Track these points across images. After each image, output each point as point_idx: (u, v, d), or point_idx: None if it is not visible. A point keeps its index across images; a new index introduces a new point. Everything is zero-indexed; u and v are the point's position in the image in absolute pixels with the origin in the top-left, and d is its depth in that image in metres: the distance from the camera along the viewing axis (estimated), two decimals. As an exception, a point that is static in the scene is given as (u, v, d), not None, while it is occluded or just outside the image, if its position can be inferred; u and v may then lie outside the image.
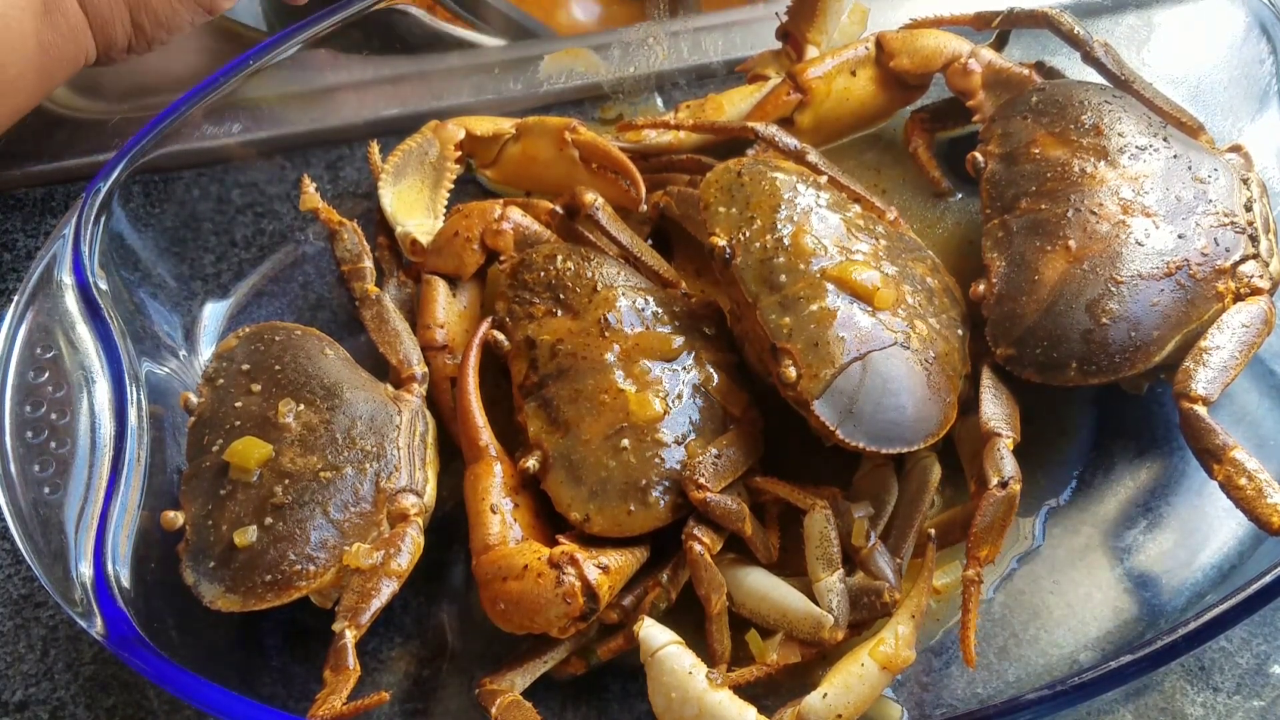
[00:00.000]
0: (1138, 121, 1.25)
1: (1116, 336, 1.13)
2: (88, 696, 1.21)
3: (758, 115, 1.42)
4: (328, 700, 1.01)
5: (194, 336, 1.39)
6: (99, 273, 1.26)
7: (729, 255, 1.19)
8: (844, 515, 1.10)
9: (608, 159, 1.39)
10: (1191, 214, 1.17)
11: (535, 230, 1.33)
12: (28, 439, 1.18)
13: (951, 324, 1.20)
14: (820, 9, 1.46)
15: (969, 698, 1.12)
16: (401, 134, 1.43)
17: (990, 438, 1.11)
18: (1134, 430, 1.26)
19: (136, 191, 1.40)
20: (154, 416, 1.22)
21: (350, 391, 1.19)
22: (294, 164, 1.54)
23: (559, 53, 1.62)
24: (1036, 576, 1.19)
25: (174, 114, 1.36)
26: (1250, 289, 1.15)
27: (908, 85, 1.45)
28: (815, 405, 1.11)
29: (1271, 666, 1.15)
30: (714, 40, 1.62)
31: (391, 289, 1.35)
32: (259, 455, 1.14)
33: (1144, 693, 1.14)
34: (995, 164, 1.28)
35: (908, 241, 1.27)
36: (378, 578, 1.09)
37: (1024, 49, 1.44)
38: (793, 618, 1.08)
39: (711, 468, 1.11)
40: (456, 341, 1.29)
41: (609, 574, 1.08)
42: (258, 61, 1.41)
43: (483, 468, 1.15)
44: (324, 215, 1.35)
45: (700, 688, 1.02)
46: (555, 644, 1.12)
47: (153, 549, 1.15)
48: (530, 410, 1.19)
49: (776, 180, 1.23)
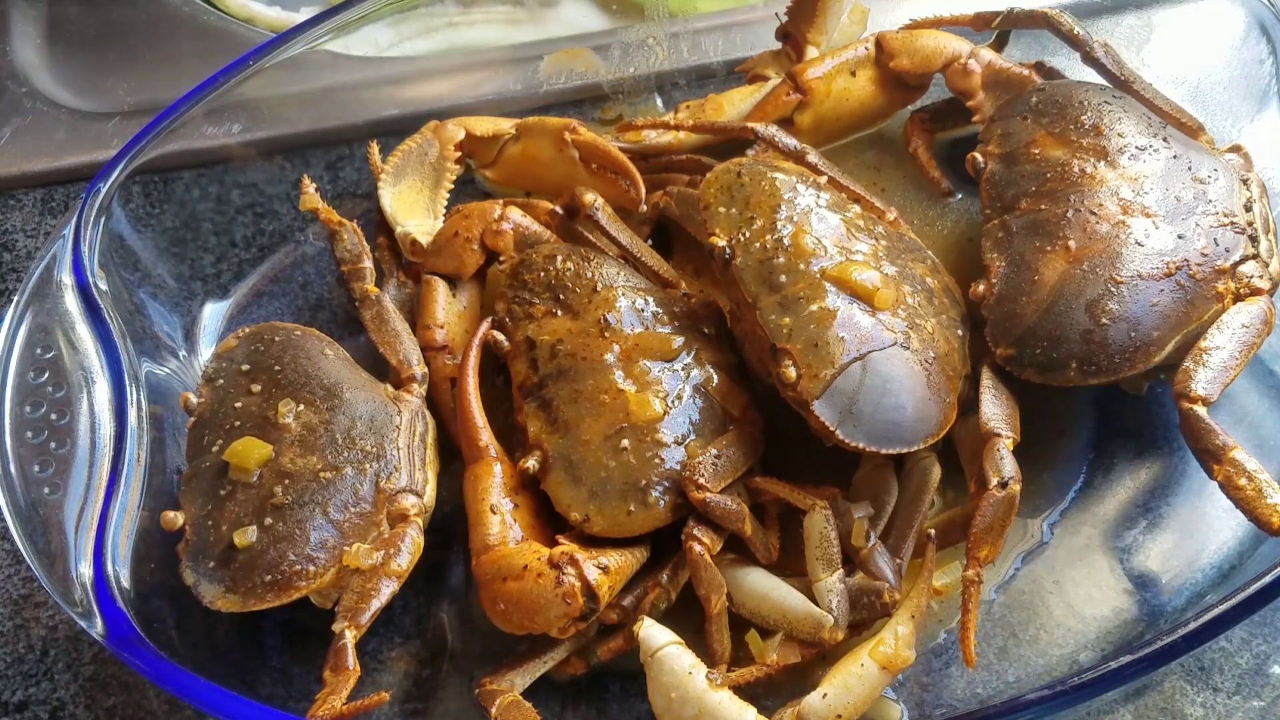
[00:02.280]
0: (1138, 122, 1.25)
1: (1116, 337, 1.13)
2: (88, 696, 1.21)
3: (758, 115, 1.42)
4: (328, 700, 1.02)
5: (194, 336, 1.39)
6: (99, 273, 1.26)
7: (729, 255, 1.19)
8: (844, 515, 1.10)
9: (608, 159, 1.39)
10: (1191, 214, 1.17)
11: (535, 230, 1.32)
12: (28, 439, 1.17)
13: (951, 324, 1.20)
14: (820, 9, 1.46)
15: (969, 698, 1.12)
16: (401, 134, 1.43)
17: (990, 438, 1.11)
18: (1134, 430, 1.26)
19: (136, 191, 1.40)
20: (154, 416, 1.22)
21: (350, 392, 1.19)
22: (294, 164, 1.54)
23: (559, 53, 1.62)
24: (1036, 576, 1.19)
25: (174, 114, 1.36)
26: (1250, 289, 1.15)
27: (908, 85, 1.45)
28: (815, 405, 1.11)
29: (1271, 666, 1.15)
30: (714, 40, 1.62)
31: (391, 289, 1.35)
32: (259, 455, 1.13)
33: (1144, 693, 1.14)
34: (995, 164, 1.28)
35: (908, 242, 1.27)
36: (378, 578, 1.09)
37: (1024, 49, 1.44)
38: (793, 618, 1.08)
39: (711, 468, 1.11)
40: (456, 342, 1.29)
41: (609, 574, 1.08)
42: (258, 61, 1.41)
43: (483, 468, 1.15)
44: (324, 215, 1.35)
45: (700, 688, 1.02)
46: (555, 644, 1.12)
47: (153, 549, 1.15)
48: (530, 410, 1.19)
49: (776, 180, 1.23)
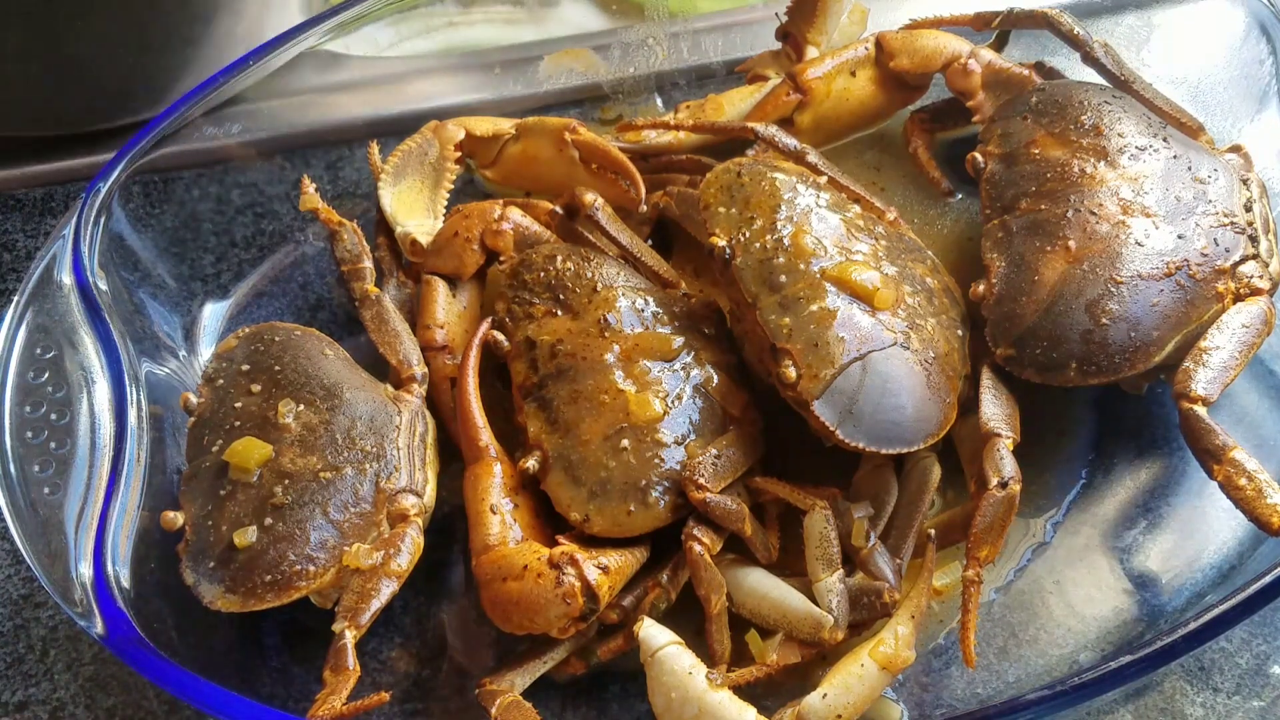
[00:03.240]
0: (1137, 122, 1.25)
1: (1116, 337, 1.13)
2: (87, 696, 1.21)
3: (758, 115, 1.42)
4: (328, 700, 1.02)
5: (194, 336, 1.39)
6: (99, 273, 1.26)
7: (729, 255, 1.19)
8: (844, 515, 1.10)
9: (607, 159, 1.39)
10: (1191, 214, 1.17)
11: (535, 230, 1.32)
12: (28, 439, 1.18)
13: (951, 324, 1.20)
14: (820, 9, 1.46)
15: (969, 698, 1.12)
16: (401, 134, 1.43)
17: (990, 438, 1.11)
18: (1134, 430, 1.26)
19: (136, 192, 1.39)
20: (154, 416, 1.22)
21: (350, 392, 1.19)
22: (294, 164, 1.54)
23: (559, 53, 1.62)
24: (1036, 576, 1.19)
25: (174, 114, 1.36)
26: (1250, 289, 1.15)
27: (908, 85, 1.45)
28: (815, 405, 1.11)
29: (1271, 667, 1.15)
30: (714, 40, 1.62)
31: (391, 289, 1.35)
32: (259, 455, 1.13)
33: (1144, 693, 1.14)
34: (995, 164, 1.28)
35: (907, 242, 1.27)
36: (377, 578, 1.09)
37: (1024, 49, 1.44)
38: (793, 618, 1.08)
39: (711, 468, 1.11)
40: (456, 342, 1.29)
41: (609, 574, 1.07)
42: (258, 61, 1.41)
43: (482, 468, 1.15)
44: (324, 215, 1.35)
45: (700, 688, 1.02)
46: (555, 644, 1.12)
47: (153, 549, 1.14)
48: (530, 410, 1.19)
49: (776, 180, 1.23)
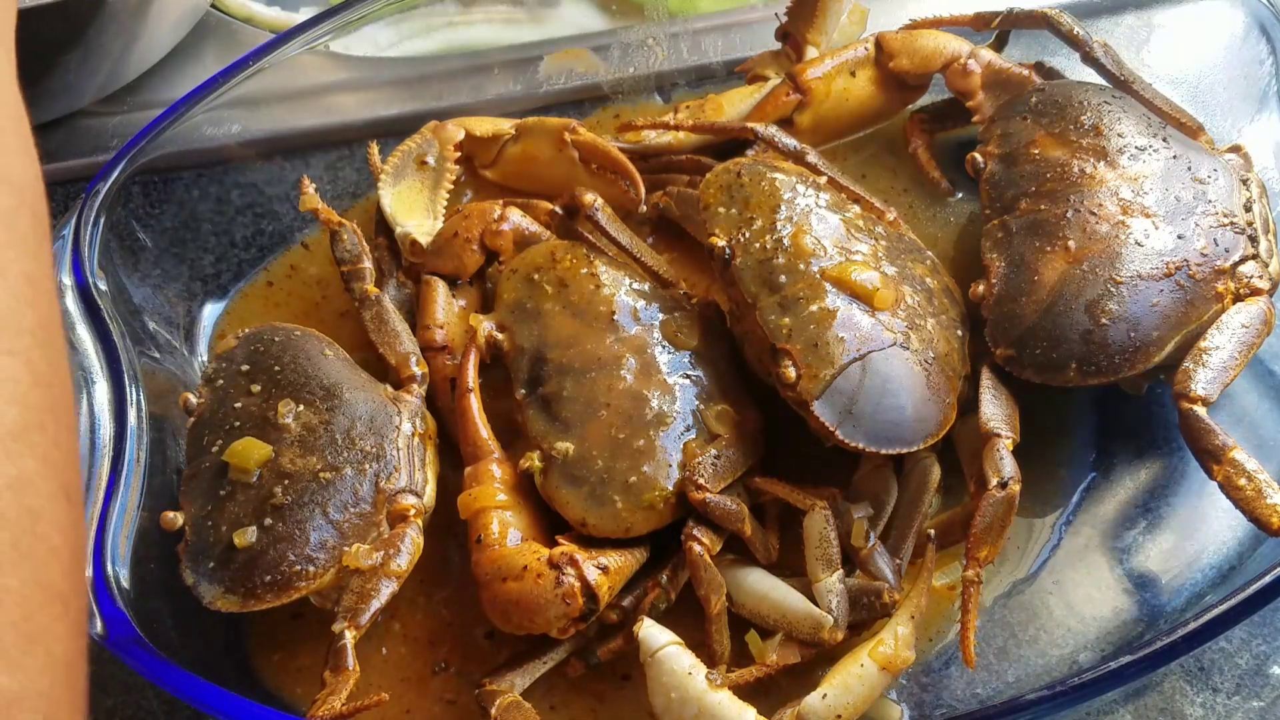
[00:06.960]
0: (1137, 122, 1.25)
1: (1116, 337, 1.13)
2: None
3: (757, 116, 1.42)
4: (327, 700, 1.01)
5: (194, 336, 1.39)
6: (99, 273, 1.26)
7: (728, 255, 1.19)
8: (844, 515, 1.10)
9: (607, 159, 1.39)
10: (1191, 214, 1.17)
11: (535, 231, 1.33)
12: (27, 439, 1.17)
13: (951, 324, 1.20)
14: (820, 9, 1.45)
15: (969, 698, 1.12)
16: (401, 134, 1.43)
17: (990, 438, 1.11)
18: (1134, 430, 1.26)
19: (136, 192, 1.39)
20: (154, 416, 1.22)
21: (350, 392, 1.19)
22: (294, 164, 1.54)
23: (559, 53, 1.61)
24: (1036, 576, 1.19)
25: (174, 114, 1.36)
26: (1250, 289, 1.15)
27: (907, 86, 1.44)
28: (815, 405, 1.11)
29: (1271, 667, 1.15)
30: (714, 40, 1.61)
31: (391, 289, 1.35)
32: (259, 456, 1.13)
33: (1144, 693, 1.14)
34: (995, 164, 1.28)
35: (907, 242, 1.27)
36: (377, 578, 1.09)
37: (1024, 49, 1.44)
38: (792, 618, 1.08)
39: (711, 468, 1.11)
40: (456, 342, 1.29)
41: (608, 574, 1.07)
42: (258, 61, 1.41)
43: (482, 468, 1.15)
44: (324, 215, 1.35)
45: (700, 688, 1.02)
46: (555, 644, 1.12)
47: (152, 549, 1.14)
48: (530, 411, 1.19)
49: (776, 181, 1.23)
